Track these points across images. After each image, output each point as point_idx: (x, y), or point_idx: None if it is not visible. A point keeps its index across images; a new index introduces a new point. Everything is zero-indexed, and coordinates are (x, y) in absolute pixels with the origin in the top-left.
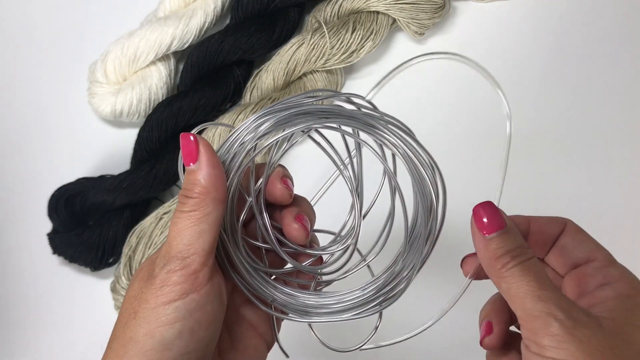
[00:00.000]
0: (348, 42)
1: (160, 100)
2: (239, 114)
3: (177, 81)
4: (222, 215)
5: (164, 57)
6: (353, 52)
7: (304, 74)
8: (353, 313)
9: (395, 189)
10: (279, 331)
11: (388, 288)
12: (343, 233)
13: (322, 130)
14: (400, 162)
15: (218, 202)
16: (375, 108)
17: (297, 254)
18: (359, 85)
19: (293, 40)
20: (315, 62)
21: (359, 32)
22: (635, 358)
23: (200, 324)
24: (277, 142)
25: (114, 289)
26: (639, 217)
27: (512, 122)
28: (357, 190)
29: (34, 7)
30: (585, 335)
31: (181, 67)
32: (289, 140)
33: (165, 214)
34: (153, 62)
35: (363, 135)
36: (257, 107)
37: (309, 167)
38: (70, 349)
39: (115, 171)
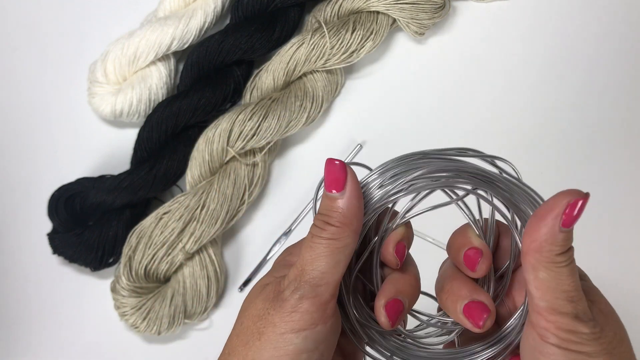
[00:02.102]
0: (348, 42)
1: (160, 100)
2: (239, 113)
3: (177, 81)
4: (354, 249)
5: (164, 57)
6: (353, 52)
7: (304, 74)
8: None
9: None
10: None
11: None
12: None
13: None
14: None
15: (356, 234)
16: (519, 179)
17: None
18: (359, 85)
19: (293, 40)
20: (315, 62)
21: (359, 32)
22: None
23: (323, 356)
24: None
25: (114, 289)
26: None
27: None
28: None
29: (34, 7)
30: (608, 336)
31: (181, 67)
32: (415, 197)
33: (165, 213)
34: (153, 62)
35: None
36: (257, 107)
37: (309, 168)
38: (70, 349)
39: (115, 171)
